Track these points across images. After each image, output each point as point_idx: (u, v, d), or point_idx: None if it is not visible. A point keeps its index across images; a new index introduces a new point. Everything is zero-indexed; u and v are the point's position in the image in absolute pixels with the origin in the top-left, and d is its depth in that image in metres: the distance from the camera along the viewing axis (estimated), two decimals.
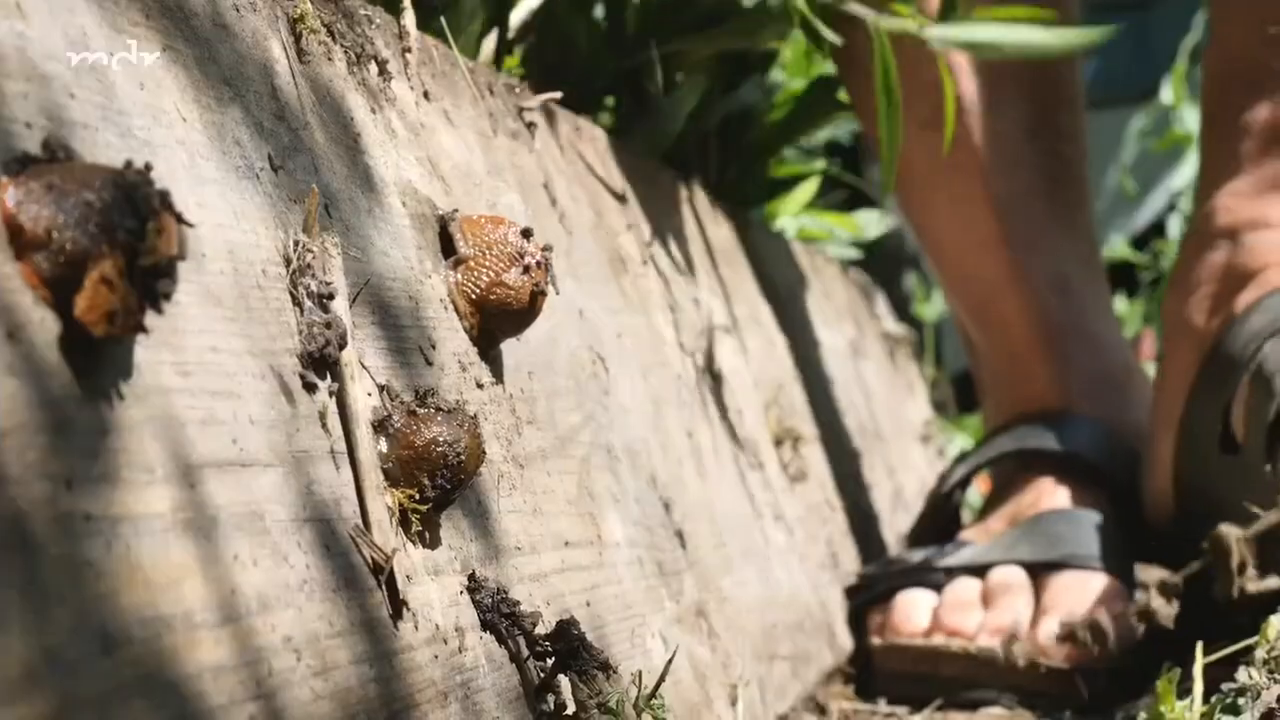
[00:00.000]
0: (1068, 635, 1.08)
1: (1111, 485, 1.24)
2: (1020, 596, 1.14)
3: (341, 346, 0.58)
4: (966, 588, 1.17)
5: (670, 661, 0.72)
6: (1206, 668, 0.83)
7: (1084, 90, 1.36)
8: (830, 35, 1.03)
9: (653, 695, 0.69)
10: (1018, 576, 1.16)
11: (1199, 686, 0.82)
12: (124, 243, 0.43)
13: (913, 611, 1.18)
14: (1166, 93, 2.48)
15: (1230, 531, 0.89)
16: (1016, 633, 1.11)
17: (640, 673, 0.69)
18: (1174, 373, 1.18)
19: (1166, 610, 0.88)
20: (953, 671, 1.12)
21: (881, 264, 2.71)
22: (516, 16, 1.03)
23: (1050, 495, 1.25)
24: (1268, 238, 1.14)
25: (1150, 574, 0.91)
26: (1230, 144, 1.18)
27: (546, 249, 0.72)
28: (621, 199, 1.02)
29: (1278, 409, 0.96)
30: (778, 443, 1.20)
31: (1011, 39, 0.96)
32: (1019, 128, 1.28)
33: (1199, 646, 0.85)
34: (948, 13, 0.97)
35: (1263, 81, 1.16)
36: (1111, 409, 1.31)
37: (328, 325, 0.58)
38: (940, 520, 1.35)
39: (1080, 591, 1.12)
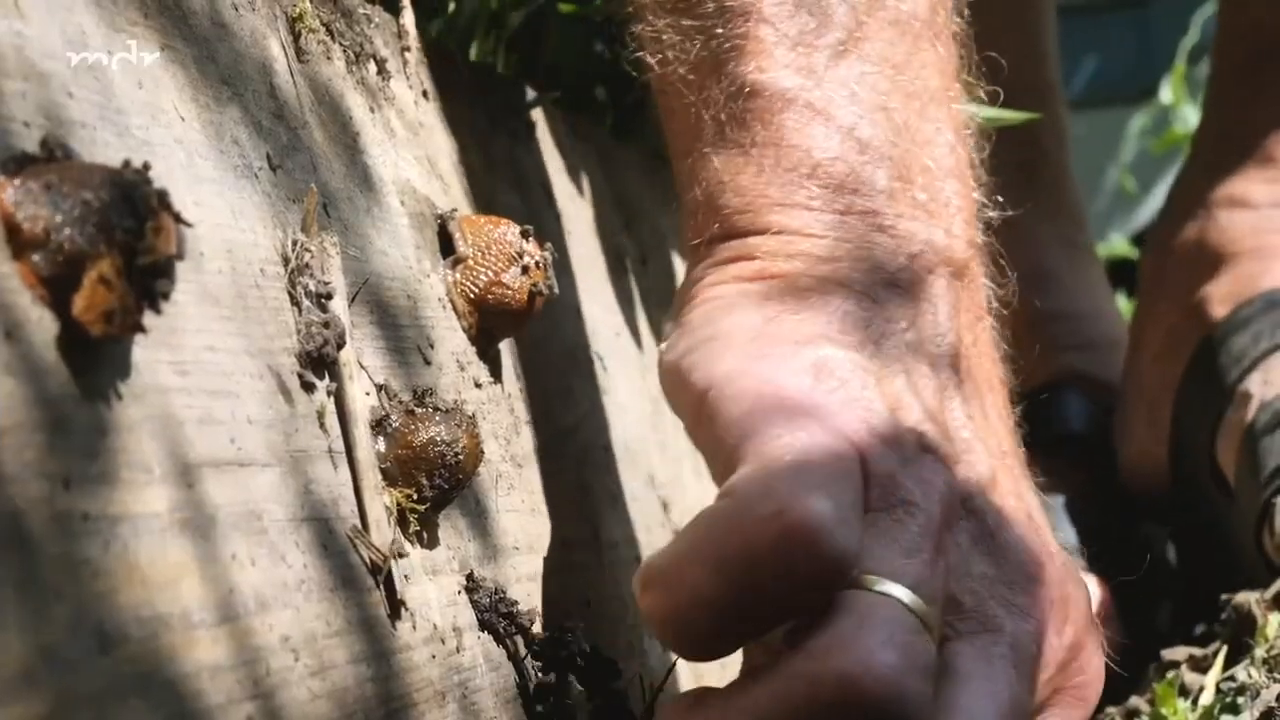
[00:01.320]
0: None
1: (1094, 456, 1.24)
2: None
3: (340, 346, 0.58)
4: None
5: (672, 668, 0.72)
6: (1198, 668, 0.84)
7: (1058, 82, 1.35)
8: None
9: (655, 699, 0.69)
10: None
11: (1210, 688, 0.82)
12: (122, 242, 0.43)
13: None
14: (1166, 92, 2.48)
15: (1248, 599, 0.89)
16: None
17: (640, 675, 0.69)
18: (1147, 343, 1.17)
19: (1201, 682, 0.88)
20: None
21: None
22: (515, 15, 1.03)
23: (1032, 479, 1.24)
24: (1241, 219, 1.14)
25: (1178, 653, 0.91)
26: (1228, 111, 1.18)
27: (547, 249, 0.72)
28: (620, 198, 1.02)
29: (1265, 500, 0.97)
30: None
31: None
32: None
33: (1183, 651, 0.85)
34: None
35: (1264, 48, 1.16)
36: (1091, 373, 1.31)
37: (326, 325, 0.58)
38: None
39: None
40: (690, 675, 0.84)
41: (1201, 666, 0.88)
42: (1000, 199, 0.73)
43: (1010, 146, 1.15)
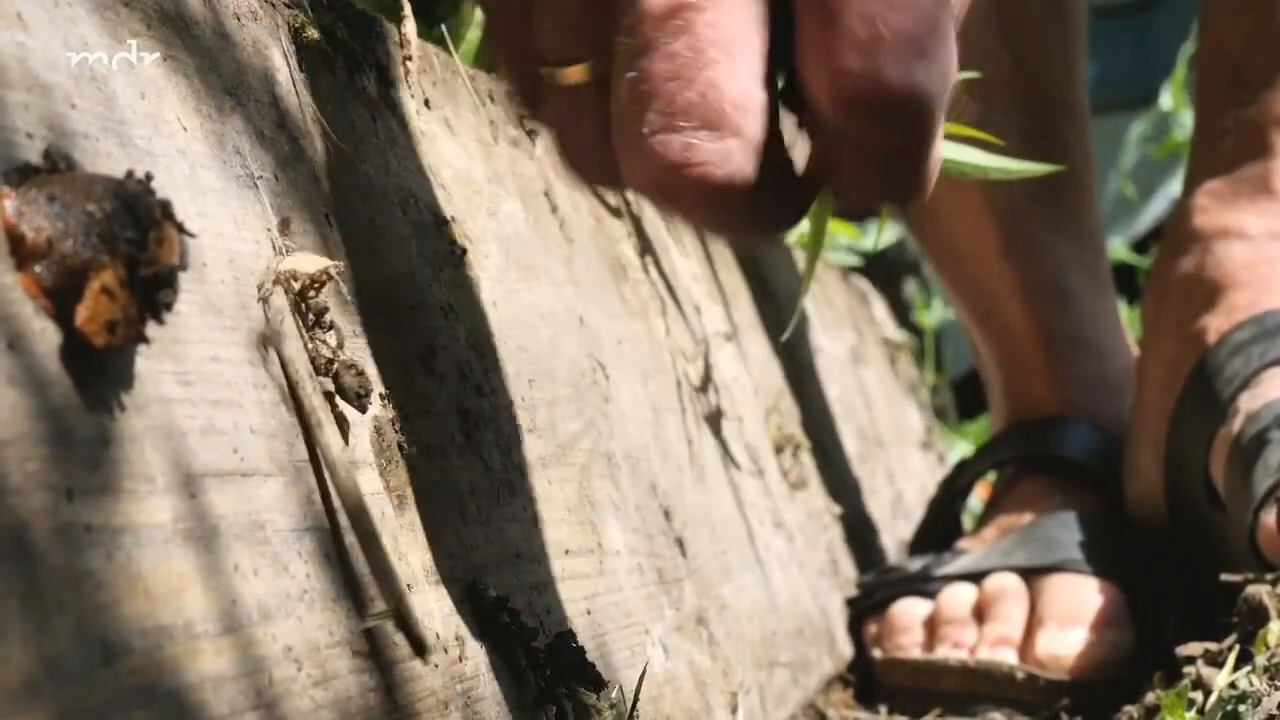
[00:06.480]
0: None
1: (1107, 490, 1.25)
2: (1016, 605, 1.14)
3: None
4: (960, 596, 1.17)
5: (642, 678, 0.72)
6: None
7: (1087, 99, 1.36)
8: None
9: (632, 712, 0.69)
10: (1013, 583, 1.16)
11: (1218, 688, 0.82)
12: (125, 253, 0.43)
13: (908, 621, 1.18)
14: (1166, 98, 2.48)
15: (1259, 590, 0.90)
16: (1014, 644, 1.12)
17: (620, 687, 0.69)
18: (1151, 380, 1.18)
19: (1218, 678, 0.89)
20: (952, 685, 1.12)
21: (882, 270, 2.71)
22: None
23: (1046, 501, 1.25)
24: (1236, 250, 1.14)
25: (1192, 648, 0.92)
26: (1212, 142, 1.19)
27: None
28: (621, 206, 1.02)
29: (1255, 509, 0.97)
30: (778, 450, 1.20)
31: (947, 155, 0.96)
32: (1018, 137, 1.28)
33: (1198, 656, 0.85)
34: None
35: (1245, 80, 1.16)
36: (1109, 414, 1.31)
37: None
38: (941, 528, 1.36)
39: (1075, 597, 1.13)
40: (692, 679, 0.84)
41: (1216, 661, 0.88)
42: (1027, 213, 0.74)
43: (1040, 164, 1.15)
